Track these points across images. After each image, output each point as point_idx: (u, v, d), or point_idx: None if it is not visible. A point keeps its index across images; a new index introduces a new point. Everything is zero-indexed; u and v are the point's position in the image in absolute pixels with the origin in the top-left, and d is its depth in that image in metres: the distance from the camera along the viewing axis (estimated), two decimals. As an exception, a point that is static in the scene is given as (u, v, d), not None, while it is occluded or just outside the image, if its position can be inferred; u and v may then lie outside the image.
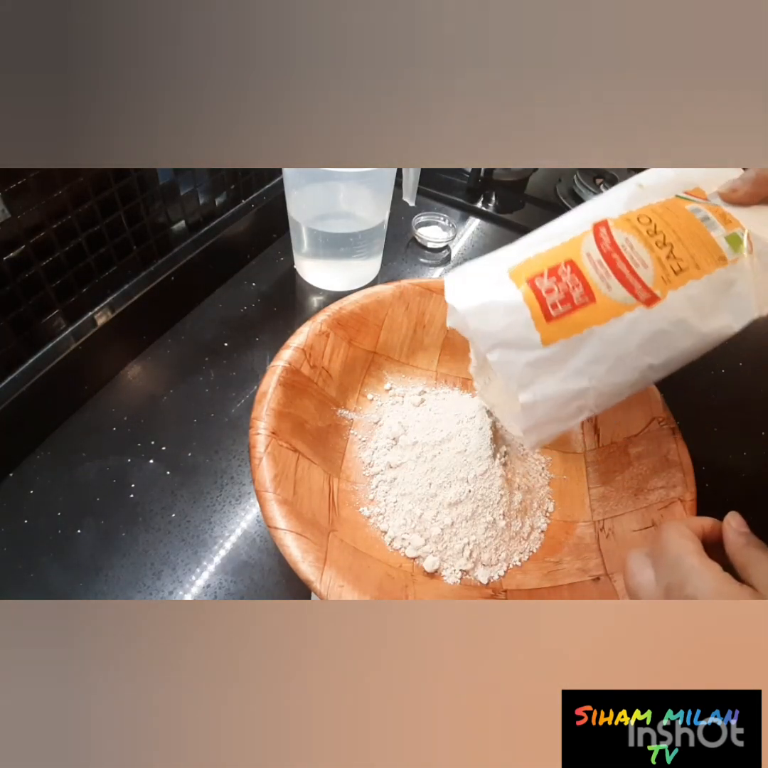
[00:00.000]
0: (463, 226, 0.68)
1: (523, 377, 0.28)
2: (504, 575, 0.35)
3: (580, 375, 0.28)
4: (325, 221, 0.52)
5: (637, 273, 0.27)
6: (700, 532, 0.24)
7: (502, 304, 0.28)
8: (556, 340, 0.28)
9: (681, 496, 0.34)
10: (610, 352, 0.28)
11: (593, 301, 0.27)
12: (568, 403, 0.29)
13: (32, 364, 0.44)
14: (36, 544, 0.37)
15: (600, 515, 0.38)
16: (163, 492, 0.40)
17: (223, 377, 0.48)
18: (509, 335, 0.28)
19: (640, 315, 0.27)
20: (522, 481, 0.39)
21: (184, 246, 0.57)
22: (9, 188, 0.37)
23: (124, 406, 0.45)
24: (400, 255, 0.62)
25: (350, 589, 0.29)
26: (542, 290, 0.28)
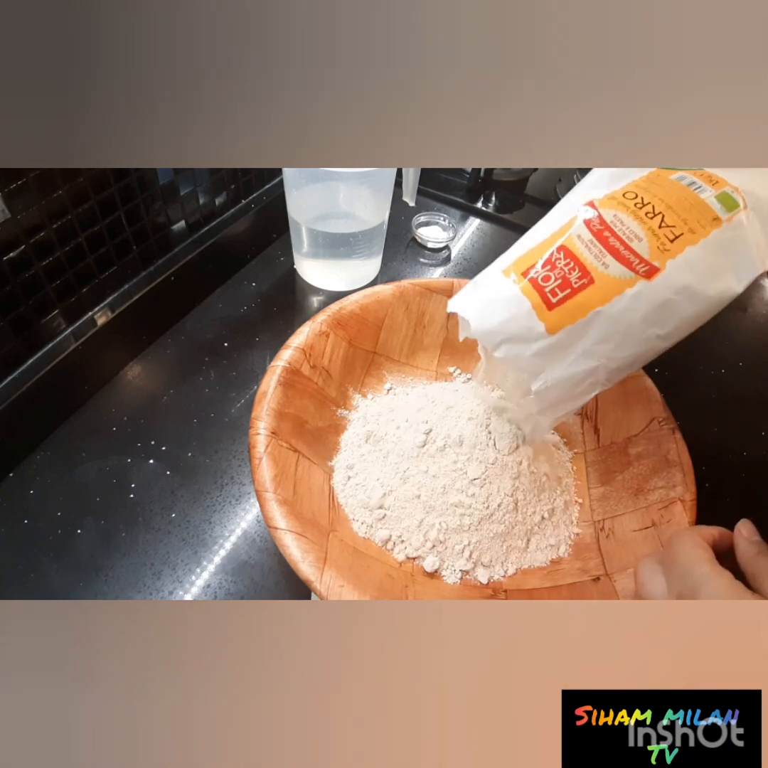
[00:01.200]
0: (463, 226, 0.68)
1: (532, 367, 0.28)
2: (504, 575, 0.35)
3: (589, 356, 0.28)
4: (325, 221, 0.52)
5: (631, 247, 0.27)
6: (711, 541, 0.24)
7: (501, 300, 0.28)
8: (561, 327, 0.27)
9: (681, 496, 0.34)
10: (616, 329, 0.27)
11: (592, 282, 0.27)
12: (579, 383, 0.29)
13: (32, 364, 0.44)
14: (36, 544, 0.37)
15: (600, 515, 0.38)
16: (163, 492, 0.40)
17: (223, 377, 0.48)
18: (512, 328, 0.28)
19: (642, 289, 0.27)
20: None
21: (184, 246, 0.57)
22: (9, 188, 0.37)
23: (124, 406, 0.45)
24: (400, 255, 0.62)
25: (350, 589, 0.29)
26: (538, 279, 0.28)
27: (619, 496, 0.38)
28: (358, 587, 0.29)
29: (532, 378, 0.28)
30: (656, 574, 0.24)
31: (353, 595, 0.29)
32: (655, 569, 0.25)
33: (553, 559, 0.36)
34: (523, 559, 0.36)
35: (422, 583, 0.34)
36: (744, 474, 0.45)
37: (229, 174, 0.59)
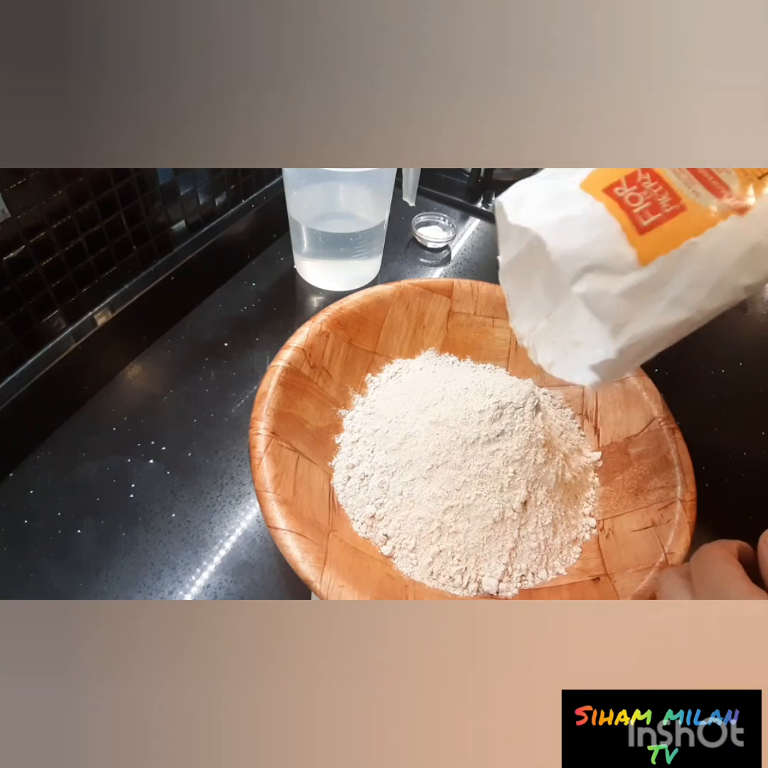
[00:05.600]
0: (463, 226, 0.68)
1: (620, 314, 0.24)
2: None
3: (680, 304, 0.24)
4: (325, 221, 0.52)
5: (720, 178, 0.24)
6: (737, 556, 0.23)
7: (583, 218, 0.24)
8: (655, 256, 0.23)
9: (681, 496, 0.34)
10: (711, 272, 0.24)
11: (683, 209, 0.24)
12: (661, 341, 0.25)
13: (32, 364, 0.44)
14: (36, 544, 0.37)
15: (600, 515, 0.38)
16: (163, 492, 0.40)
17: (223, 377, 0.48)
18: (599, 253, 0.24)
19: (735, 224, 0.23)
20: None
21: (184, 246, 0.57)
22: (9, 188, 0.37)
23: (124, 406, 0.45)
24: (400, 255, 0.62)
25: (350, 589, 0.29)
26: (625, 198, 0.24)
27: (619, 496, 0.38)
28: (358, 587, 0.29)
29: (615, 332, 0.24)
30: (683, 590, 0.23)
31: (353, 595, 0.29)
32: (682, 584, 0.23)
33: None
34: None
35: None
36: (744, 474, 0.45)
37: (229, 174, 0.59)
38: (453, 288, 0.45)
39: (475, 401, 0.36)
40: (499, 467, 0.35)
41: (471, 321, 0.46)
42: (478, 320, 0.45)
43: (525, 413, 0.36)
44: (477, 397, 0.37)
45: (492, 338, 0.46)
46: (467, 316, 0.45)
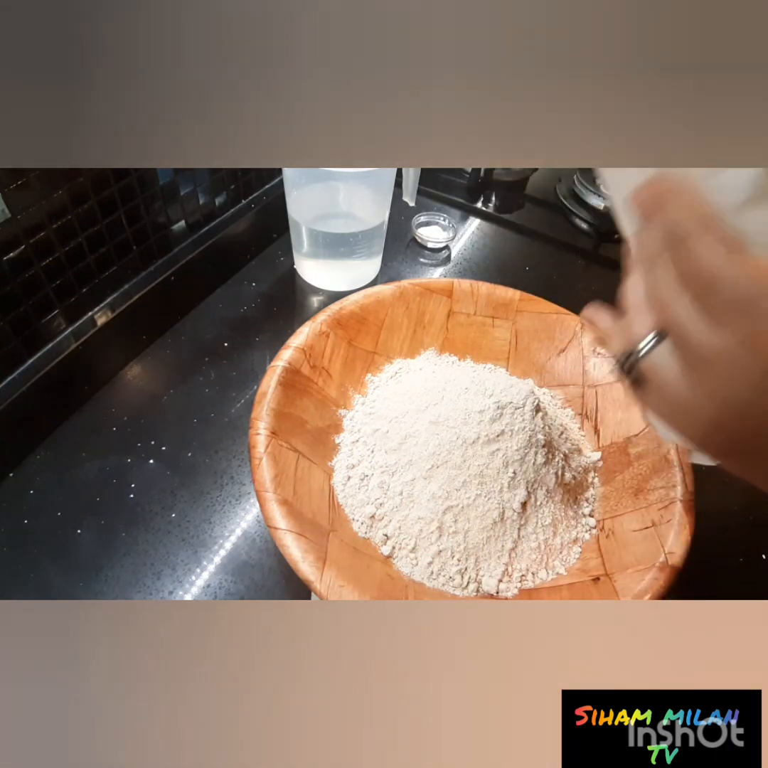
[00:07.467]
0: (463, 226, 0.67)
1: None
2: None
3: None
4: (325, 221, 0.52)
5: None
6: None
7: None
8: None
9: (681, 496, 0.34)
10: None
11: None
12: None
13: (32, 364, 0.44)
14: (36, 544, 0.37)
15: (600, 515, 0.38)
16: (163, 492, 0.40)
17: (223, 377, 0.48)
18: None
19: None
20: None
21: (184, 246, 0.57)
22: (9, 188, 0.37)
23: (124, 406, 0.45)
24: (400, 255, 0.62)
25: (350, 589, 0.29)
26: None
27: (619, 496, 0.38)
28: (358, 587, 0.29)
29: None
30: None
31: (353, 595, 0.29)
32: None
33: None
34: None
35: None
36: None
37: (229, 174, 0.59)
38: (453, 288, 0.45)
39: (475, 401, 0.36)
40: (499, 467, 0.35)
41: (471, 321, 0.46)
42: (478, 320, 0.45)
43: (525, 413, 0.36)
44: (477, 397, 0.37)
45: (492, 338, 0.46)
46: (467, 316, 0.45)
